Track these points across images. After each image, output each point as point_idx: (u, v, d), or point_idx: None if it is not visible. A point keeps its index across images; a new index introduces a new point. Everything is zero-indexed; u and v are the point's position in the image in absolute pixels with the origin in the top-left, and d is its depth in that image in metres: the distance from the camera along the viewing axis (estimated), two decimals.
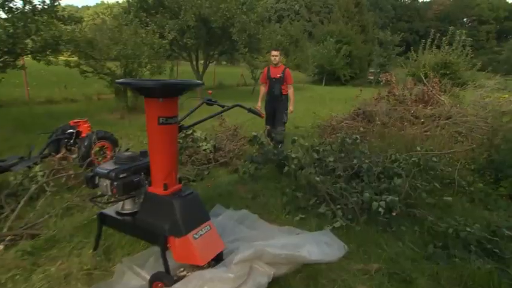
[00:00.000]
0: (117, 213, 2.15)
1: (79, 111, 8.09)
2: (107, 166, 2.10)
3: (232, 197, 3.42)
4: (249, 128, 5.72)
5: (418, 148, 3.96)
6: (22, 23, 4.72)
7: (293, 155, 3.87)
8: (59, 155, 3.48)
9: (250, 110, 2.77)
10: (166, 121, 1.95)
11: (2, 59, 5.28)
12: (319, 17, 61.84)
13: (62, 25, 5.87)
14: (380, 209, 2.76)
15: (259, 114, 2.81)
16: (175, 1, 9.76)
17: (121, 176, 2.03)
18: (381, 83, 8.44)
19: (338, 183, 3.23)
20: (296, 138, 4.28)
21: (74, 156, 3.73)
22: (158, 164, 2.02)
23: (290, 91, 4.91)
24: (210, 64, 13.13)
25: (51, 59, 6.33)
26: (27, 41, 4.81)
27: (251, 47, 11.41)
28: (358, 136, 4.21)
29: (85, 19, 7.49)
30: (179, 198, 1.97)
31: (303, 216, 3.02)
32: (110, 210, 2.18)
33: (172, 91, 1.92)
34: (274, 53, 4.84)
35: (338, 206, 3.00)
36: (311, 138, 5.98)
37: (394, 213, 2.81)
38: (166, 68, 8.84)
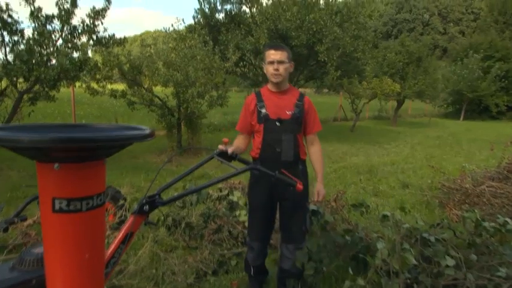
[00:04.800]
0: None
1: (121, 152, 8.44)
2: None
3: None
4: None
5: None
6: (37, 46, 5.09)
7: (379, 245, 2.86)
8: (28, 222, 3.23)
9: (277, 178, 2.05)
10: (68, 207, 1.36)
11: (34, 89, 5.76)
12: (459, 27, 57.60)
13: (102, 48, 6.25)
14: None
15: (293, 184, 2.06)
16: (250, 15, 9.91)
17: None
18: None
19: None
20: (389, 213, 3.31)
21: None
22: (57, 283, 1.43)
23: (315, 150, 2.63)
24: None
25: (97, 87, 6.80)
26: (43, 68, 5.16)
27: (348, 69, 10.66)
28: (508, 219, 3.05)
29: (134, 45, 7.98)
30: None
31: None
32: None
33: (82, 150, 1.32)
34: (272, 52, 2.43)
35: None
36: (422, 211, 4.80)
37: None
38: (231, 97, 8.72)
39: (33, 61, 5.02)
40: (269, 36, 9.36)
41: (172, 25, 9.61)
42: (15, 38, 5.58)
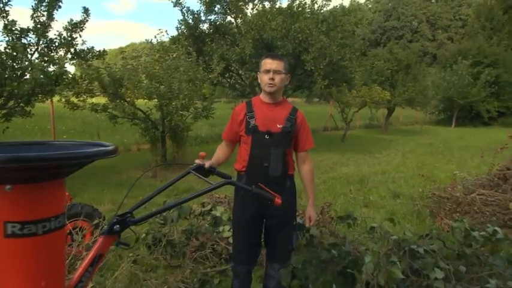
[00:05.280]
0: None
1: (104, 167, 8.35)
2: None
3: None
4: None
5: None
6: (10, 60, 5.02)
7: (367, 259, 2.83)
8: None
9: (253, 193, 2.02)
10: (21, 231, 1.32)
11: (8, 105, 5.67)
12: (447, 34, 58.75)
13: (81, 61, 6.20)
14: None
15: (270, 198, 2.03)
16: (235, 25, 9.96)
17: None
18: None
19: None
20: (376, 225, 3.31)
21: None
22: None
23: (307, 170, 2.56)
24: (289, 100, 12.89)
25: (77, 102, 6.73)
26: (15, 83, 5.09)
27: (336, 78, 10.75)
28: (497, 228, 3.06)
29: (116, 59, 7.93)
30: None
31: None
32: None
33: (35, 169, 1.28)
34: (269, 61, 2.37)
35: None
36: (413, 221, 4.79)
37: None
38: (217, 110, 8.70)
39: (6, 75, 4.93)
40: (254, 45, 9.40)
41: (155, 36, 9.57)
42: None
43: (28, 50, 6.05)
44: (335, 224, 3.54)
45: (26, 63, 5.23)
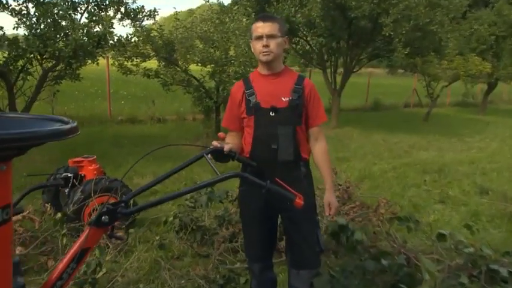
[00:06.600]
0: None
1: (155, 136, 8.50)
2: None
3: None
4: None
5: None
6: (51, 20, 5.06)
7: (426, 276, 2.45)
8: (21, 215, 3.17)
9: (268, 189, 1.80)
10: None
11: (58, 68, 5.85)
12: None
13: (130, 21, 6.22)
14: None
15: (290, 198, 1.80)
16: None
17: None
18: None
19: None
20: (446, 232, 2.91)
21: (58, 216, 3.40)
22: None
23: (320, 148, 2.25)
24: (366, 71, 12.11)
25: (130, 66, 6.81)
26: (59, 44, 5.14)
27: (422, 46, 9.75)
28: None
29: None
30: None
31: None
32: None
33: None
34: (260, 25, 2.09)
35: None
36: (502, 226, 4.15)
37: None
38: None
39: (47, 36, 5.03)
40: (323, 6, 8.76)
41: None
42: (39, 11, 5.60)
43: (78, 9, 6.13)
44: (390, 225, 3.08)
45: (69, 23, 5.30)
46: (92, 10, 6.18)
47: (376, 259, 2.62)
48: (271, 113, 2.10)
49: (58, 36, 5.26)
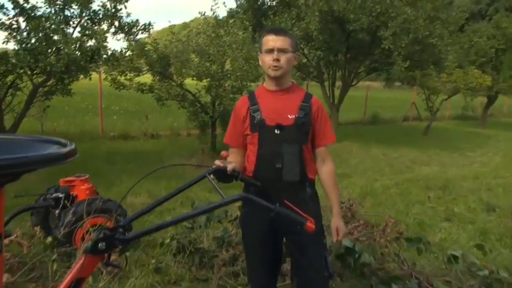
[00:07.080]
0: None
1: (148, 152, 8.42)
2: None
3: None
4: None
5: None
6: (43, 34, 5.04)
7: None
8: (8, 239, 3.07)
9: (277, 213, 1.72)
10: None
11: (49, 83, 5.80)
12: None
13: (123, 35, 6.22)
14: None
15: (300, 222, 1.76)
16: None
17: None
18: None
19: None
20: (458, 253, 2.85)
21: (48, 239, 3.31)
22: None
23: (327, 171, 2.19)
24: (364, 84, 12.12)
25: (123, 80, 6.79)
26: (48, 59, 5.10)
27: (421, 59, 9.83)
28: None
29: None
30: None
31: None
32: None
33: None
34: (272, 38, 2.04)
35: None
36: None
37: None
38: None
39: (38, 50, 5.00)
40: (321, 19, 8.83)
41: (211, 9, 9.36)
42: (31, 25, 5.59)
43: (70, 23, 6.11)
44: (399, 247, 3.01)
45: (61, 37, 5.27)
46: (85, 24, 6.19)
47: (387, 284, 2.54)
48: (276, 131, 2.06)
49: (50, 50, 5.24)
